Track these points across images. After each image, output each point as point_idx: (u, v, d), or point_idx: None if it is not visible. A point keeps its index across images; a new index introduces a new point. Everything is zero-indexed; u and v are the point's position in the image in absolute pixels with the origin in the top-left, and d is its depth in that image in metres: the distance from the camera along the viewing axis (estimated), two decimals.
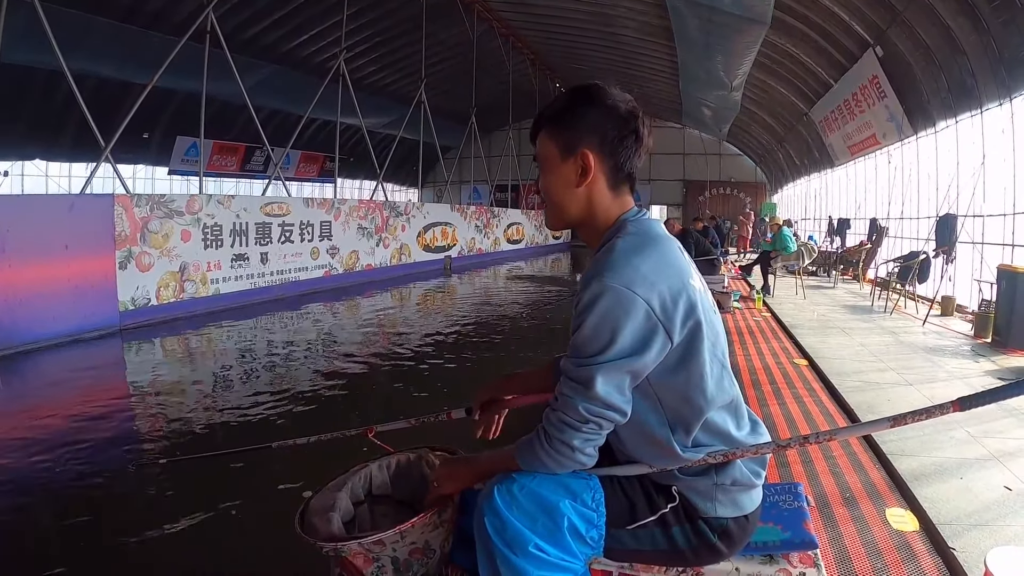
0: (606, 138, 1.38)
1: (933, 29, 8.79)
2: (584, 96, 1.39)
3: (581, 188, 1.40)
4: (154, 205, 9.17)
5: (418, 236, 17.18)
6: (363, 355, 7.59)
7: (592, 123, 1.38)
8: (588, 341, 1.25)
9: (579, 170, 1.39)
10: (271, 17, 16.37)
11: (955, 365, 5.72)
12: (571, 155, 1.39)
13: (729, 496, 1.36)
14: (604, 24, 18.12)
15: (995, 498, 2.97)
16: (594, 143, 1.38)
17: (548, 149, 1.42)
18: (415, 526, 1.45)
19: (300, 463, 3.85)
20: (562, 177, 1.41)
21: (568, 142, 1.39)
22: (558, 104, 1.42)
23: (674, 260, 1.32)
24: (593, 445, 1.31)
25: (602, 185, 1.41)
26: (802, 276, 11.48)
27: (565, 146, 1.40)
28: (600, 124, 1.38)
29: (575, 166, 1.39)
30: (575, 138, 1.39)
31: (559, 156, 1.41)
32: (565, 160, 1.40)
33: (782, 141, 21.75)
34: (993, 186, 8.56)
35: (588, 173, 1.39)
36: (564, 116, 1.40)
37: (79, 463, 4.19)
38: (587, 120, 1.38)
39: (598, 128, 1.38)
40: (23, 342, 7.28)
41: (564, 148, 1.40)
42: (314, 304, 11.35)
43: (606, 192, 1.41)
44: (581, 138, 1.38)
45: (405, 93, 21.63)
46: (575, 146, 1.39)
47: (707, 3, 11.44)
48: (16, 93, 14.79)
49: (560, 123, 1.41)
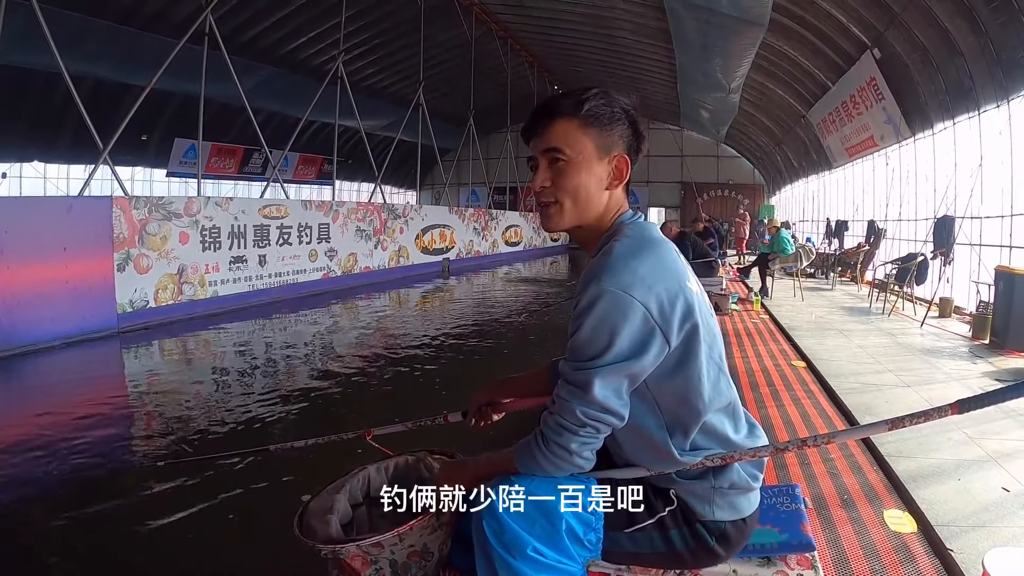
0: (632, 144, 1.41)
1: (931, 31, 8.81)
2: (613, 100, 1.40)
3: (611, 191, 1.41)
4: (152, 207, 9.16)
5: (416, 238, 17.17)
6: (361, 358, 7.59)
7: (624, 128, 1.40)
8: (586, 344, 1.26)
9: (611, 172, 1.40)
10: (270, 19, 16.36)
11: (953, 367, 5.73)
12: (607, 156, 1.39)
13: (727, 499, 1.36)
14: (602, 26, 18.14)
15: (993, 499, 2.97)
16: (623, 147, 1.40)
17: (582, 144, 1.38)
18: (413, 529, 1.45)
19: (298, 466, 3.85)
20: (595, 176, 1.39)
21: (606, 143, 1.39)
22: (595, 100, 1.38)
23: (671, 263, 1.32)
24: (590, 449, 1.31)
25: (622, 190, 1.43)
26: (800, 278, 11.49)
27: (602, 146, 1.38)
28: (628, 130, 1.40)
29: (608, 168, 1.40)
30: (612, 140, 1.39)
31: (596, 154, 1.39)
32: (601, 160, 1.39)
33: (780, 143, 21.77)
34: (991, 188, 8.56)
35: (621, 178, 1.41)
36: (602, 114, 1.38)
37: (76, 465, 4.18)
38: (622, 124, 1.40)
39: (626, 134, 1.40)
40: (21, 344, 7.26)
41: (601, 147, 1.39)
42: (312, 306, 11.34)
43: (622, 197, 1.44)
44: (617, 140, 1.39)
45: (403, 95, 21.65)
46: (612, 147, 1.39)
47: (705, 5, 11.47)
48: (14, 95, 14.79)
49: (598, 121, 1.38)
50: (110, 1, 13.31)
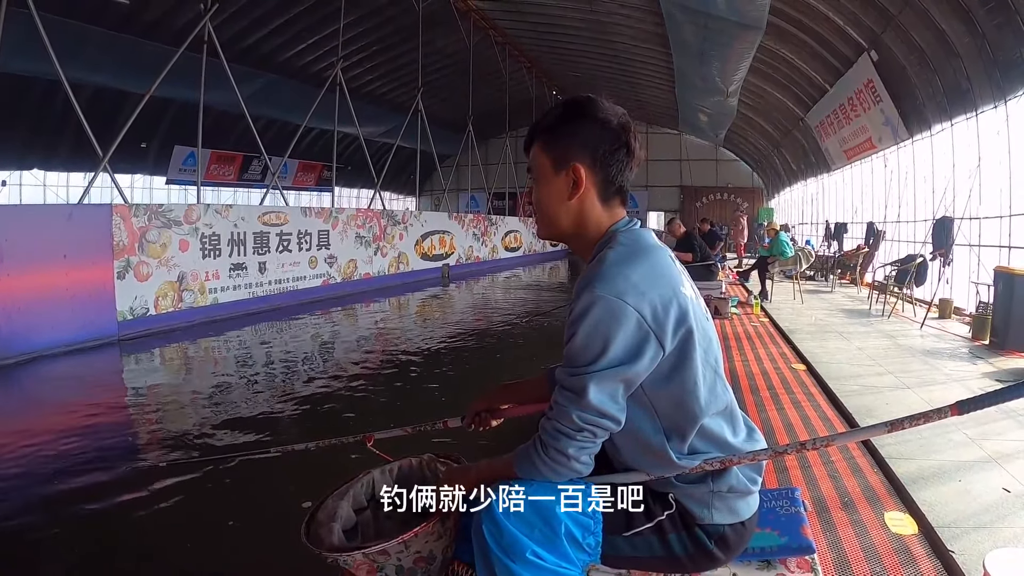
0: (597, 152, 1.39)
1: (927, 32, 8.83)
2: (576, 109, 1.40)
3: (573, 201, 1.41)
4: (152, 215, 9.17)
5: (416, 245, 17.18)
6: (360, 364, 7.59)
7: (584, 137, 1.39)
8: (581, 351, 1.26)
9: (571, 183, 1.40)
10: (268, 26, 16.42)
11: (953, 368, 5.73)
12: (563, 168, 1.40)
13: (726, 503, 1.36)
14: (600, 32, 18.20)
15: (994, 500, 2.97)
16: (586, 157, 1.39)
17: (541, 162, 1.43)
18: (418, 535, 1.45)
19: (298, 470, 3.85)
20: (554, 190, 1.42)
21: (560, 155, 1.40)
22: (550, 117, 1.43)
23: (664, 269, 1.33)
24: (588, 453, 1.32)
25: (593, 198, 1.41)
26: (800, 281, 11.49)
27: (557, 159, 1.40)
28: (592, 138, 1.38)
29: (567, 179, 1.40)
30: (567, 152, 1.39)
31: (552, 169, 1.41)
32: (557, 173, 1.41)
33: (778, 146, 21.81)
34: (989, 188, 8.58)
35: (579, 187, 1.39)
36: (556, 129, 1.41)
37: (76, 470, 4.19)
38: (579, 134, 1.39)
39: (589, 142, 1.38)
40: (21, 351, 7.27)
41: (556, 161, 1.41)
42: (312, 313, 11.34)
43: (597, 205, 1.42)
44: (573, 152, 1.39)
45: (402, 102, 21.68)
46: (567, 160, 1.39)
47: (703, 10, 11.51)
48: (14, 102, 14.81)
49: (552, 136, 1.41)
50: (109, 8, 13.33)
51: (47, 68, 8.97)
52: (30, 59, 10.58)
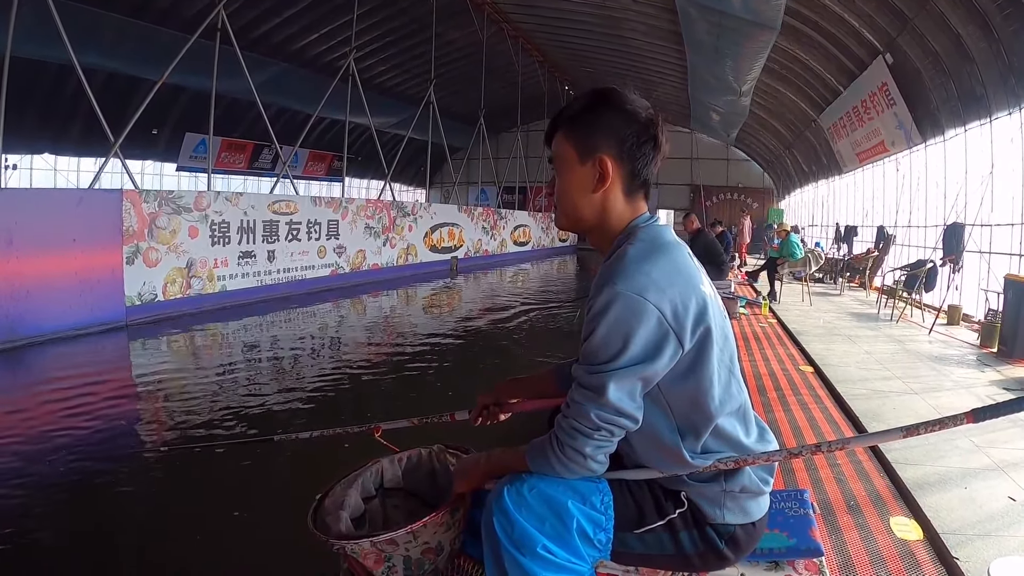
0: (624, 144, 1.37)
1: (943, 37, 8.76)
2: (604, 100, 1.38)
3: (597, 194, 1.39)
4: (162, 201, 9.21)
5: (425, 236, 17.21)
6: (367, 355, 7.61)
7: (611, 128, 1.37)
8: (600, 348, 1.25)
9: (596, 175, 1.38)
10: (281, 15, 16.40)
11: (961, 374, 5.70)
12: (589, 159, 1.38)
13: (737, 503, 1.36)
14: (613, 27, 18.13)
15: (999, 508, 2.96)
16: (612, 148, 1.37)
17: (565, 151, 1.41)
18: (427, 525, 1.45)
19: (303, 459, 3.87)
20: (578, 181, 1.40)
21: (587, 146, 1.38)
22: (577, 106, 1.40)
23: (684, 266, 1.32)
24: (604, 452, 1.31)
25: (618, 191, 1.39)
26: (809, 283, 11.46)
27: (583, 150, 1.38)
28: (619, 129, 1.36)
29: (593, 171, 1.38)
30: (594, 142, 1.37)
31: (577, 159, 1.39)
32: (583, 164, 1.39)
33: (790, 147, 21.70)
34: (1001, 195, 8.53)
35: (606, 179, 1.37)
36: (583, 119, 1.39)
37: (81, 454, 4.23)
38: (606, 125, 1.37)
39: (617, 133, 1.36)
40: (29, 334, 7.32)
41: (582, 152, 1.38)
42: (320, 303, 11.38)
43: (621, 198, 1.40)
44: (600, 143, 1.37)
45: (414, 93, 21.68)
46: (593, 151, 1.37)
47: (717, 7, 11.44)
48: (26, 87, 14.80)
49: (579, 126, 1.39)
50: None
51: (60, 53, 8.99)
52: (43, 44, 10.62)
